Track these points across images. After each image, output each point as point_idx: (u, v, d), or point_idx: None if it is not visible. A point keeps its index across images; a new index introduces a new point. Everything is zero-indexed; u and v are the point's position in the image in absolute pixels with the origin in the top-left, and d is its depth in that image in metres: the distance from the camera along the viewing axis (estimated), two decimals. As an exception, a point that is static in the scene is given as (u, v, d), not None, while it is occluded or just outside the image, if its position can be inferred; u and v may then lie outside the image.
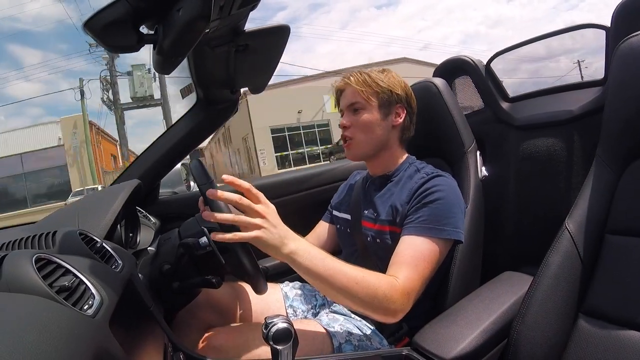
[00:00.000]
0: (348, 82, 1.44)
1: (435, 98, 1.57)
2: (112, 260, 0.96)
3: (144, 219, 1.74)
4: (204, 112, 1.78)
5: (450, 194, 1.28)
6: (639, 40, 1.07)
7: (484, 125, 1.93)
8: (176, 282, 1.18)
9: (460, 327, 1.12)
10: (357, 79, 1.41)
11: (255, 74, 1.55)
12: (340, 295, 1.10)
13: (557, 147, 1.65)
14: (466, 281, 1.36)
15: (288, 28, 1.30)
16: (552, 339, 1.04)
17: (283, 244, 1.05)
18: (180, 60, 0.96)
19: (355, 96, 1.41)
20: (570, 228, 1.11)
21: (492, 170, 1.66)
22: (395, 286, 1.11)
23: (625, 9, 1.46)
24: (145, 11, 0.85)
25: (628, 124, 1.10)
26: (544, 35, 1.88)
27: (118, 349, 0.66)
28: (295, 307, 1.52)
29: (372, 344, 1.27)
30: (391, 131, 1.44)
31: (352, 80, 1.42)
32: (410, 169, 1.42)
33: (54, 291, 0.62)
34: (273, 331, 0.81)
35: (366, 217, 1.44)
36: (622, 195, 1.08)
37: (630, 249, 1.02)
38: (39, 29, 63.99)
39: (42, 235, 0.99)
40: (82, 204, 1.45)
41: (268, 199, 1.09)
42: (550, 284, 1.07)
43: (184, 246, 1.15)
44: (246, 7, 0.98)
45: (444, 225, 1.23)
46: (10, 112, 68.82)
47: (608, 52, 1.58)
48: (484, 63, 1.93)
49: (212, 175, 1.24)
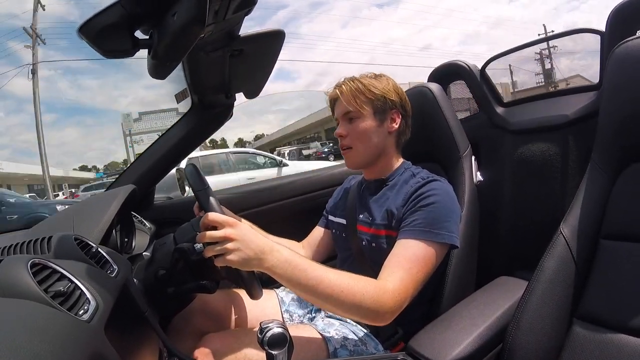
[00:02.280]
0: (339, 92, 1.43)
1: (430, 103, 1.58)
2: (107, 266, 0.96)
3: (139, 224, 1.74)
4: (199, 117, 1.78)
5: (446, 198, 1.29)
6: (634, 44, 1.08)
7: (479, 129, 1.94)
8: (171, 287, 1.18)
9: (455, 332, 1.12)
10: (349, 88, 1.41)
11: (250, 78, 1.56)
12: (326, 304, 1.10)
13: (552, 152, 1.66)
14: (461, 286, 1.36)
15: (283, 33, 1.30)
16: (547, 344, 1.04)
17: (260, 260, 1.04)
18: (175, 65, 0.96)
19: (348, 105, 1.41)
20: (565, 233, 1.11)
21: (487, 174, 1.67)
22: (385, 289, 1.11)
23: (619, 14, 1.48)
24: (140, 16, 0.85)
25: (623, 127, 1.10)
26: (539, 40, 1.89)
27: (113, 354, 0.66)
28: (291, 312, 1.52)
29: (368, 349, 1.27)
30: (388, 137, 1.44)
31: (343, 89, 1.42)
32: (406, 174, 1.42)
33: (49, 296, 0.62)
34: (268, 336, 0.81)
35: (361, 221, 1.44)
36: (617, 199, 1.09)
37: (624, 254, 1.02)
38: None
39: (38, 240, 0.98)
40: (78, 209, 1.44)
41: (262, 204, 1.10)
42: (545, 288, 1.07)
43: (179, 251, 1.14)
44: (241, 12, 0.98)
45: (440, 229, 1.23)
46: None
47: (603, 57, 1.59)
48: (479, 68, 1.94)
49: (206, 180, 1.24)
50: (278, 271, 1.06)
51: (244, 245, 1.03)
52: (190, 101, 1.74)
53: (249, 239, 1.05)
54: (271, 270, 1.06)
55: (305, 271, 1.07)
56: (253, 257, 1.04)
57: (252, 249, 1.04)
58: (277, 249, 1.08)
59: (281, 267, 1.06)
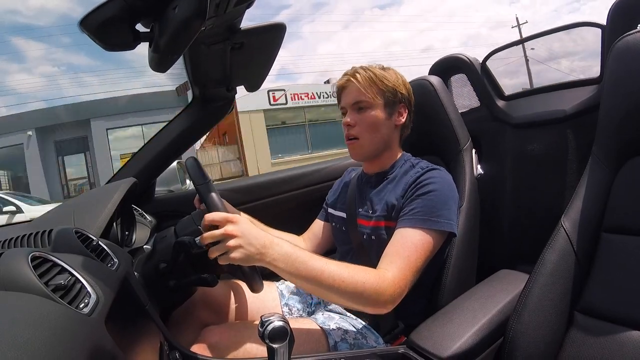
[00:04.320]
0: (352, 80, 1.41)
1: (430, 96, 1.57)
2: (108, 259, 0.96)
3: (140, 217, 1.73)
4: (200, 110, 1.78)
5: (444, 186, 1.29)
6: (635, 38, 1.08)
7: (480, 123, 1.93)
8: (172, 280, 1.18)
9: (456, 325, 1.12)
10: (363, 77, 1.39)
11: (251, 71, 1.55)
12: (328, 294, 1.11)
13: (553, 145, 1.66)
14: (462, 279, 1.36)
15: (284, 26, 1.30)
16: (548, 337, 1.04)
17: (262, 255, 1.06)
18: (177, 58, 0.95)
19: (360, 94, 1.39)
20: (566, 226, 1.11)
21: (488, 168, 1.67)
22: (385, 278, 1.12)
23: (620, 7, 1.47)
24: (142, 9, 0.85)
25: (623, 121, 1.10)
26: (540, 33, 1.88)
27: (114, 347, 0.66)
28: (290, 306, 1.52)
29: (368, 342, 1.27)
30: (394, 131, 1.44)
31: (358, 77, 1.39)
32: (406, 165, 1.42)
33: (49, 289, 0.62)
34: (269, 329, 0.81)
35: (361, 215, 1.44)
36: (618, 193, 1.08)
37: (626, 247, 1.02)
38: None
39: (38, 233, 0.99)
40: (78, 202, 1.44)
41: (262, 197, 1.10)
42: (546, 282, 1.07)
43: (180, 244, 1.14)
44: (242, 5, 0.98)
45: (438, 217, 1.23)
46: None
47: (604, 51, 1.58)
48: (480, 61, 1.94)
49: (208, 174, 1.24)
50: (279, 265, 1.06)
51: (245, 241, 1.04)
52: (191, 94, 1.74)
53: (250, 235, 1.05)
54: (272, 264, 1.06)
55: (306, 263, 1.08)
56: (255, 252, 1.04)
57: (254, 244, 1.05)
58: (277, 242, 1.09)
59: (282, 260, 1.07)
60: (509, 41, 1.99)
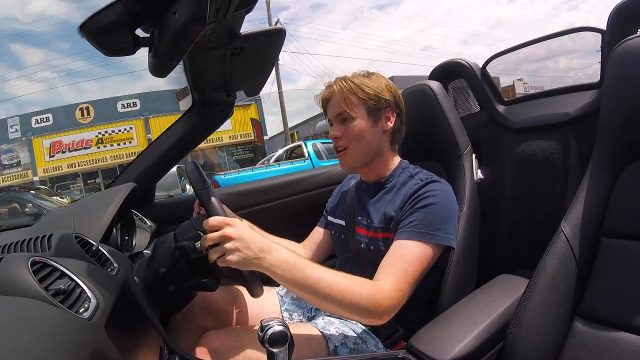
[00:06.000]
0: (332, 92, 1.41)
1: (430, 101, 1.57)
2: (108, 264, 0.96)
3: (140, 222, 1.74)
4: (200, 115, 1.78)
5: (444, 199, 1.28)
6: (635, 42, 1.08)
7: (480, 128, 1.93)
8: (172, 285, 1.18)
9: (456, 330, 1.12)
10: (340, 88, 1.38)
11: (251, 76, 1.55)
12: (324, 303, 1.11)
13: (553, 150, 1.66)
14: (462, 284, 1.36)
15: (284, 31, 1.30)
16: (548, 342, 1.04)
17: (260, 259, 1.06)
18: (176, 63, 0.95)
19: (341, 106, 1.38)
20: (566, 231, 1.11)
21: (488, 173, 1.67)
22: (381, 289, 1.12)
23: (620, 12, 1.47)
24: (141, 14, 0.85)
25: (624, 124, 1.10)
26: (540, 38, 1.88)
27: (114, 351, 0.66)
28: (290, 311, 1.52)
29: (368, 347, 1.27)
30: (383, 136, 1.43)
31: (336, 89, 1.39)
32: (404, 175, 1.41)
33: (49, 294, 0.62)
34: (269, 334, 0.81)
35: (360, 223, 1.43)
36: (618, 198, 1.09)
37: (626, 252, 1.02)
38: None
39: (38, 238, 0.99)
40: (78, 207, 1.44)
41: (262, 202, 1.10)
42: (546, 287, 1.07)
43: (180, 249, 1.15)
44: (242, 10, 0.98)
45: (436, 230, 1.23)
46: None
47: (604, 55, 1.59)
48: (480, 66, 1.94)
49: (208, 179, 1.24)
50: (277, 271, 1.07)
51: (243, 244, 1.04)
52: (190, 99, 1.74)
53: (248, 239, 1.05)
54: (270, 269, 1.07)
55: (304, 271, 1.08)
56: (252, 256, 1.04)
57: (252, 248, 1.05)
58: (275, 248, 1.09)
59: (280, 266, 1.07)
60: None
